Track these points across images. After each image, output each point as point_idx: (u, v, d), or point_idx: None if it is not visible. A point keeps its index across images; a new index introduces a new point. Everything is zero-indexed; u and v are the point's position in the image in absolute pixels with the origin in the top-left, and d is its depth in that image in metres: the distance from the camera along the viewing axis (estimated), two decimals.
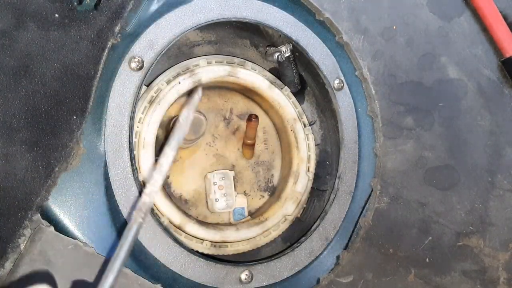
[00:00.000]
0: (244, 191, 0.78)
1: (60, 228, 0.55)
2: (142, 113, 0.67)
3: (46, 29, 0.55)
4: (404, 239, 0.73)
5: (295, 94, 0.78)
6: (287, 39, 0.72)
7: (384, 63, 0.74)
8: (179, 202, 0.74)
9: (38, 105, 0.55)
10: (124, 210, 0.59)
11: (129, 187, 0.59)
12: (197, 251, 0.67)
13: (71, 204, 0.56)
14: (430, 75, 0.76)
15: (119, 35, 0.59)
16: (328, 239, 0.70)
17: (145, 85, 0.66)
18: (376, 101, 0.74)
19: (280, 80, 0.77)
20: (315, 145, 0.78)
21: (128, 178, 0.59)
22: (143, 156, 0.66)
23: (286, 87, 0.76)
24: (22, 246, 0.52)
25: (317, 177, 0.78)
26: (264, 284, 0.66)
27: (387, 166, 0.73)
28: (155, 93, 0.68)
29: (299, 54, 0.74)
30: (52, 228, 0.53)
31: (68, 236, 0.54)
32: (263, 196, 0.80)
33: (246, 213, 0.78)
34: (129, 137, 0.60)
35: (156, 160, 0.65)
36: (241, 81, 0.73)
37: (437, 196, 0.75)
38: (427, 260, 0.74)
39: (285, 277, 0.67)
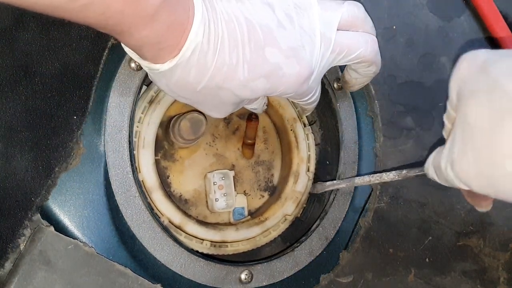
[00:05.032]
0: (244, 191, 0.78)
1: (60, 228, 0.55)
2: (142, 113, 0.67)
3: (46, 29, 0.55)
4: (404, 239, 0.73)
5: None
6: None
7: (384, 63, 0.74)
8: (179, 202, 0.74)
9: (38, 105, 0.55)
10: (124, 210, 0.59)
11: (129, 187, 0.59)
12: (197, 251, 0.67)
13: (71, 204, 0.56)
14: (430, 75, 0.76)
15: None
16: (328, 239, 0.70)
17: (145, 85, 0.66)
18: (376, 101, 0.74)
19: None
20: (315, 145, 0.78)
21: (128, 178, 0.59)
22: (143, 156, 0.66)
23: None
24: (22, 246, 0.52)
25: (317, 177, 0.77)
26: (264, 284, 0.66)
27: (387, 166, 0.73)
28: (155, 93, 0.68)
29: None
30: (52, 228, 0.53)
31: (68, 236, 0.54)
32: (263, 196, 0.80)
33: (246, 213, 0.78)
34: (129, 137, 0.60)
35: None
36: None
37: (437, 196, 0.75)
38: (427, 260, 0.74)
39: (285, 277, 0.67)
